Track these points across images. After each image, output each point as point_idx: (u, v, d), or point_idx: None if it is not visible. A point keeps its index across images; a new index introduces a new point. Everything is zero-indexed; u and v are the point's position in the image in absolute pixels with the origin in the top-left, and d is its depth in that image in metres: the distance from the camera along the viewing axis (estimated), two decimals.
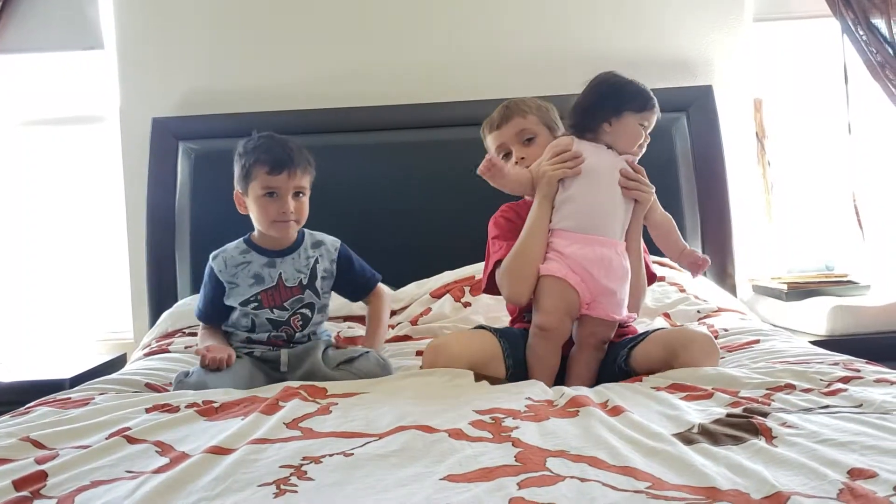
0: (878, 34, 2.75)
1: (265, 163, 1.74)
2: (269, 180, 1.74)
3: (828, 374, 1.41)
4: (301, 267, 1.82)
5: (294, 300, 1.80)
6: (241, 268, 1.80)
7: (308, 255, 1.84)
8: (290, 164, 1.74)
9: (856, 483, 0.88)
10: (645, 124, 1.69)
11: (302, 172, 1.77)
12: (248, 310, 1.79)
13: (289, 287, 1.80)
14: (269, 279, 1.79)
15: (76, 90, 3.01)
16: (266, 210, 1.76)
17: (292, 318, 1.80)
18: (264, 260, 1.81)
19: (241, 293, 1.79)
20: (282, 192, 1.75)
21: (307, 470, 1.01)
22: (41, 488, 1.00)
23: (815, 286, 2.59)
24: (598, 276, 1.59)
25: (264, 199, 1.76)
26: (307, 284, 1.82)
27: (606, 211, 1.63)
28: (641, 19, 2.91)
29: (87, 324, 2.99)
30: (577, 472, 0.96)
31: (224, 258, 1.83)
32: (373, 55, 2.92)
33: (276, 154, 1.75)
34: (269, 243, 1.82)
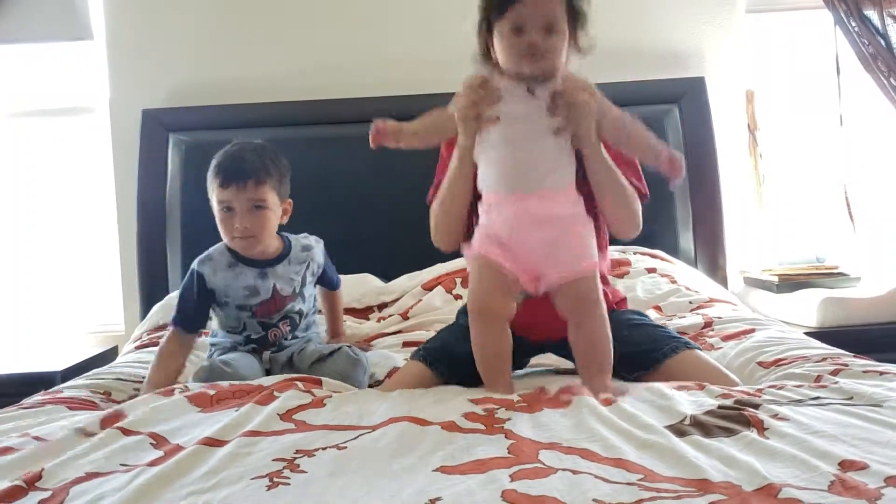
0: (870, 26, 2.75)
1: (216, 175, 1.68)
2: (220, 194, 1.67)
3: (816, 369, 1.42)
4: (293, 274, 1.78)
5: (288, 308, 1.78)
6: (232, 279, 1.73)
7: (300, 261, 1.80)
8: (242, 177, 1.65)
9: (847, 475, 0.89)
10: (521, 25, 1.34)
11: (256, 184, 1.66)
12: (243, 316, 1.75)
13: (283, 297, 1.76)
14: (265, 291, 1.74)
15: (65, 81, 2.98)
16: (224, 225, 1.70)
17: (282, 321, 1.78)
18: (255, 271, 1.74)
19: (237, 302, 1.73)
20: (236, 206, 1.67)
21: (300, 463, 1.01)
22: (37, 480, 1.00)
23: (806, 278, 2.60)
24: (526, 237, 1.36)
25: (222, 214, 1.69)
26: (299, 292, 1.79)
27: (531, 166, 1.38)
28: (633, 11, 2.91)
29: (78, 316, 2.98)
30: (570, 464, 0.97)
31: (213, 267, 1.74)
32: (364, 46, 2.90)
33: (227, 166, 1.67)
34: (253, 255, 1.75)
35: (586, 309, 1.38)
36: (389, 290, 2.49)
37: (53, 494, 0.96)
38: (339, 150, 2.73)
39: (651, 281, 2.37)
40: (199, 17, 2.91)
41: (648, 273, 2.42)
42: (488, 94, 1.38)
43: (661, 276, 2.40)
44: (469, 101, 1.39)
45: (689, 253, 2.78)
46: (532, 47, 1.34)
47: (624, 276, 2.40)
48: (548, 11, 1.34)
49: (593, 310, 1.38)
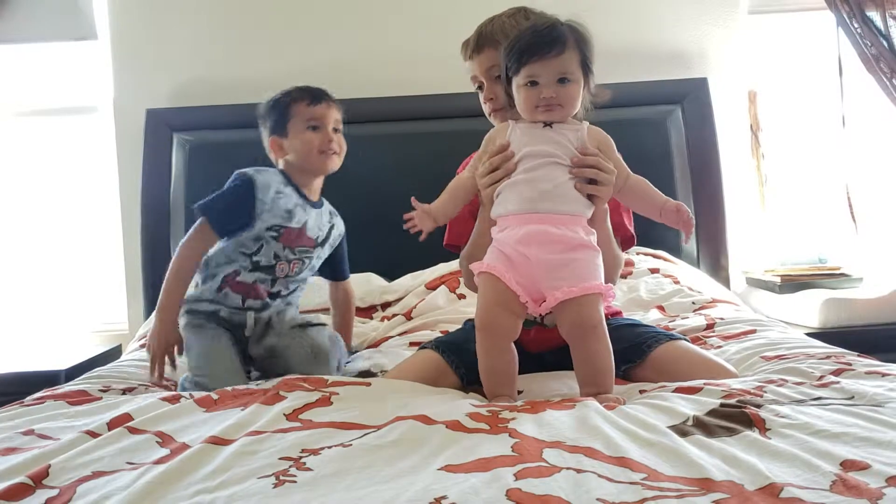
0: (872, 27, 2.75)
1: (304, 97, 1.78)
2: (311, 112, 1.77)
3: (819, 367, 1.43)
4: (322, 224, 1.85)
5: (303, 249, 1.80)
6: (276, 198, 1.75)
7: (328, 218, 1.88)
8: (328, 97, 1.80)
9: (848, 475, 0.89)
10: (536, 80, 1.42)
11: (337, 108, 1.82)
12: (266, 235, 1.75)
13: (308, 237, 1.80)
14: (297, 221, 1.78)
15: (69, 81, 2.99)
16: (311, 141, 1.77)
17: (293, 261, 1.79)
18: (300, 200, 1.79)
19: (271, 218, 1.74)
20: (324, 124, 1.78)
21: (306, 461, 1.02)
22: (44, 477, 1.01)
23: (808, 279, 2.60)
24: (530, 252, 1.38)
25: (308, 133, 1.77)
26: (320, 243, 1.84)
27: (543, 188, 1.41)
28: (636, 11, 2.91)
29: (82, 315, 2.99)
30: (574, 463, 0.97)
31: (267, 179, 1.77)
32: (371, 45, 2.91)
33: (313, 89, 1.81)
34: (302, 187, 1.82)
35: (586, 333, 1.37)
36: (393, 290, 2.50)
37: (60, 493, 0.96)
38: None
39: (654, 281, 2.38)
40: (203, 16, 2.92)
41: (651, 273, 2.43)
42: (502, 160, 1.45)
43: (664, 276, 2.41)
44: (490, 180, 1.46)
45: (692, 253, 2.78)
46: (546, 99, 1.42)
47: (627, 277, 2.40)
48: (560, 66, 1.41)
49: (592, 334, 1.37)
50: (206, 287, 1.78)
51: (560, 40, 1.41)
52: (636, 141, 2.53)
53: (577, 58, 1.43)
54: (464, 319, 1.93)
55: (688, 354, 1.54)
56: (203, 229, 1.76)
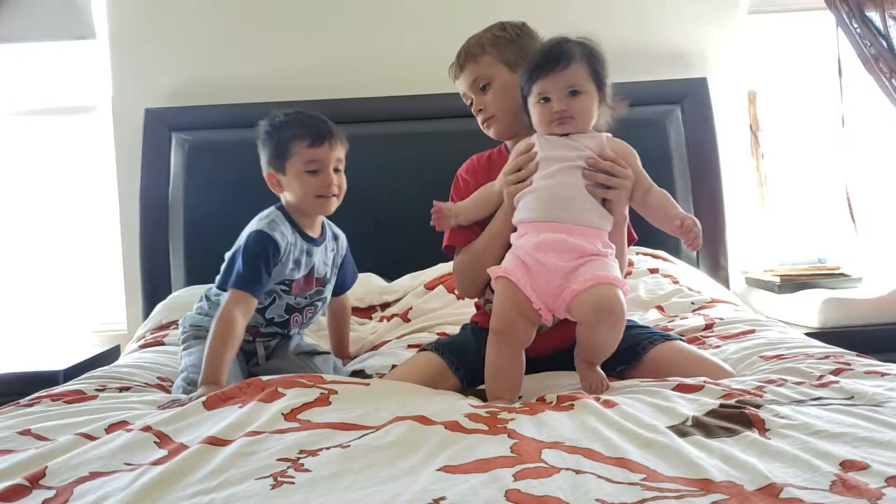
0: (872, 27, 2.75)
1: (305, 136, 1.68)
2: (311, 154, 1.68)
3: (818, 367, 1.42)
4: (328, 260, 1.81)
5: (315, 291, 1.79)
6: (290, 247, 1.71)
7: (332, 247, 1.84)
8: (331, 136, 1.69)
9: (848, 475, 0.89)
10: (547, 95, 1.46)
11: (341, 144, 1.72)
12: (278, 289, 1.73)
13: (316, 279, 1.78)
14: (305, 267, 1.74)
15: (68, 80, 2.98)
16: (309, 185, 1.69)
17: (307, 307, 1.79)
18: (305, 245, 1.75)
19: (281, 272, 1.71)
20: (324, 165, 1.69)
21: (304, 462, 1.02)
22: (40, 478, 1.01)
23: (808, 279, 2.60)
24: (548, 259, 1.39)
25: (308, 176, 1.69)
26: (329, 278, 1.82)
27: (562, 196, 1.44)
28: (636, 11, 2.91)
29: (81, 315, 2.98)
30: (573, 463, 0.97)
31: (283, 232, 1.70)
32: (369, 45, 2.91)
33: (316, 126, 1.70)
34: (305, 225, 1.76)
35: (603, 316, 1.36)
36: (392, 290, 2.49)
37: (58, 493, 0.96)
38: None
39: (653, 281, 2.37)
40: (202, 16, 2.91)
41: (651, 273, 2.42)
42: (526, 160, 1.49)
43: (663, 276, 2.41)
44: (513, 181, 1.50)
45: (691, 253, 2.77)
46: (557, 113, 1.45)
47: (627, 276, 2.39)
48: (568, 78, 1.45)
49: (615, 324, 1.37)
50: None
51: (566, 54, 1.45)
52: (636, 141, 2.50)
53: (585, 70, 1.46)
54: (462, 321, 1.93)
55: (683, 354, 1.54)
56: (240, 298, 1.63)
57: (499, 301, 1.43)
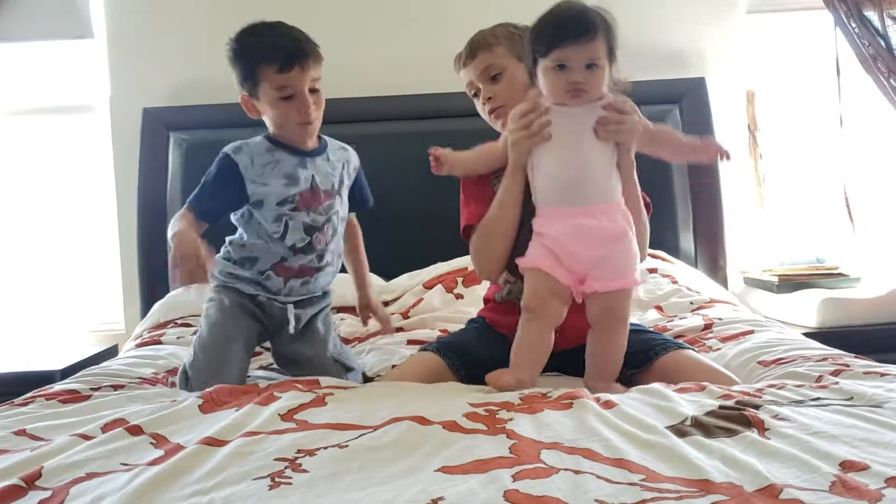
0: (870, 27, 2.75)
1: (273, 60, 1.55)
2: (282, 79, 1.55)
3: (816, 369, 1.42)
4: (332, 170, 1.69)
5: (328, 205, 1.67)
6: (270, 166, 1.61)
7: (338, 157, 1.71)
8: (302, 56, 1.55)
9: (848, 475, 0.89)
10: (565, 64, 1.43)
11: (315, 62, 1.58)
12: (285, 210, 1.61)
13: (324, 191, 1.66)
14: (304, 181, 1.63)
15: (66, 79, 2.98)
16: (286, 113, 1.58)
17: (325, 224, 1.67)
18: (295, 159, 1.63)
19: (276, 192, 1.61)
20: (299, 90, 1.56)
21: (302, 462, 1.01)
22: (36, 479, 1.00)
23: (806, 279, 2.60)
24: (578, 250, 1.43)
25: (283, 104, 1.57)
26: (337, 190, 1.69)
27: (581, 177, 1.46)
28: (634, 10, 2.90)
29: (79, 314, 2.98)
30: (572, 464, 0.96)
31: (249, 154, 1.61)
32: (369, 45, 2.91)
33: (284, 47, 1.56)
34: (294, 142, 1.65)
35: (613, 324, 1.47)
36: (390, 289, 2.49)
37: (53, 494, 0.96)
38: None
39: (652, 281, 2.37)
40: (200, 15, 2.90)
41: (649, 273, 2.42)
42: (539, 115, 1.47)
43: (661, 276, 2.40)
44: (521, 126, 1.49)
45: (690, 253, 2.78)
46: (575, 84, 1.44)
47: None
48: (591, 52, 1.44)
49: (619, 326, 1.47)
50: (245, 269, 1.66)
51: (592, 26, 1.44)
52: None
53: (604, 44, 1.46)
54: (461, 319, 1.93)
55: (694, 364, 1.53)
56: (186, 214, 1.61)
57: (532, 285, 1.47)
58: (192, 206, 1.63)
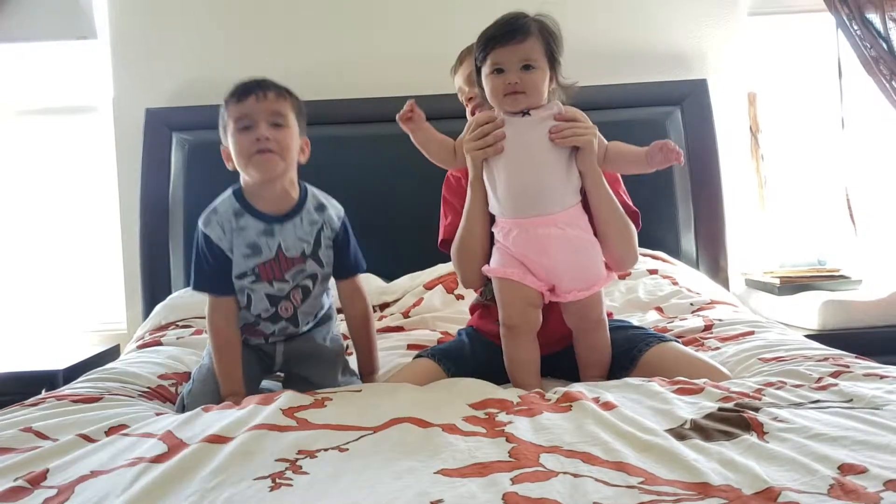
0: (872, 29, 2.75)
1: (233, 94, 1.54)
2: (238, 110, 1.51)
3: (817, 369, 1.42)
4: (303, 234, 1.58)
5: (296, 272, 1.58)
6: (236, 234, 1.55)
7: (312, 220, 1.59)
8: (257, 88, 1.52)
9: (846, 478, 0.89)
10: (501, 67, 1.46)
11: (276, 97, 1.53)
12: (245, 283, 1.56)
13: (289, 258, 1.56)
14: (268, 250, 1.55)
15: (69, 80, 2.99)
16: (240, 144, 1.51)
17: (293, 291, 1.59)
18: (261, 226, 1.55)
19: (236, 265, 1.56)
20: (255, 120, 1.50)
21: (302, 464, 1.02)
22: (42, 478, 1.01)
23: (808, 280, 2.60)
24: (542, 260, 1.47)
25: (238, 135, 1.51)
26: (310, 254, 1.58)
27: (538, 187, 1.47)
28: (636, 12, 2.91)
29: (81, 315, 2.98)
30: (571, 467, 0.97)
31: (219, 223, 1.56)
32: (369, 46, 2.91)
33: (244, 83, 1.55)
34: (264, 202, 1.56)
35: (591, 325, 1.54)
36: (391, 290, 2.49)
37: (59, 492, 0.97)
38: (342, 150, 2.74)
39: (653, 282, 2.37)
40: (203, 16, 2.91)
41: (650, 274, 2.42)
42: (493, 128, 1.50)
43: (662, 277, 2.40)
44: (475, 137, 1.52)
45: (691, 254, 2.78)
46: (511, 85, 1.46)
47: (626, 278, 2.40)
48: (523, 52, 1.46)
49: (597, 325, 1.55)
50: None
51: (523, 28, 1.46)
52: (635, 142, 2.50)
53: (540, 46, 1.47)
54: (461, 320, 1.93)
55: (678, 356, 1.55)
56: (210, 300, 1.59)
57: (506, 299, 1.51)
58: (204, 289, 1.60)
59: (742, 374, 1.52)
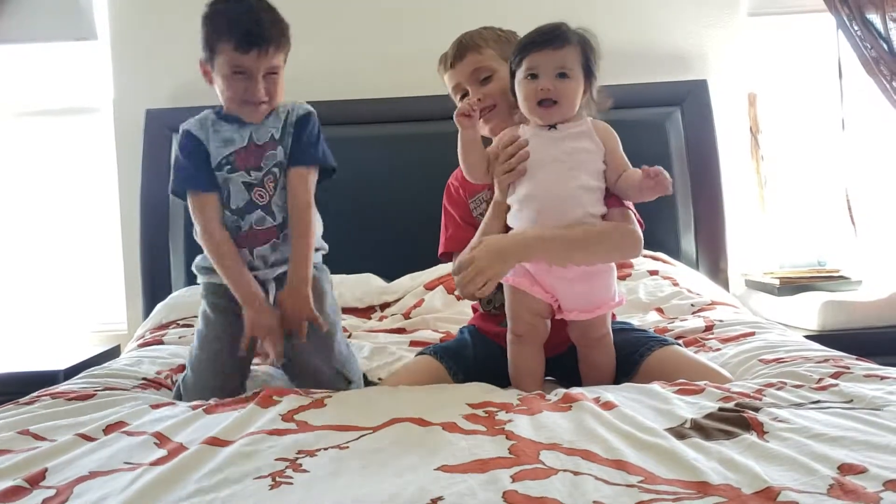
0: (872, 29, 2.75)
1: (231, 38, 1.54)
2: (236, 59, 1.54)
3: (817, 370, 1.42)
4: (271, 124, 1.63)
5: (267, 157, 1.61)
6: (212, 132, 1.62)
7: (279, 112, 1.64)
8: (262, 42, 1.53)
9: (846, 478, 0.89)
10: (535, 72, 1.44)
11: (275, 50, 1.55)
12: (223, 175, 1.60)
13: (259, 145, 1.61)
14: (240, 139, 1.60)
15: (69, 81, 2.99)
16: (234, 89, 1.57)
17: (266, 177, 1.60)
18: (234, 125, 1.62)
19: (213, 156, 1.61)
20: (252, 73, 1.55)
21: (302, 463, 1.02)
22: (41, 479, 1.01)
23: (808, 281, 2.60)
24: (545, 278, 1.46)
25: (232, 78, 1.56)
26: (279, 139, 1.62)
27: (558, 203, 1.45)
28: (636, 13, 2.92)
29: (81, 315, 2.98)
30: (571, 465, 0.97)
31: (199, 122, 1.64)
32: (369, 46, 2.91)
33: (245, 28, 1.54)
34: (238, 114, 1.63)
35: (595, 341, 1.53)
36: (391, 290, 2.50)
37: (57, 493, 0.96)
38: (343, 152, 2.72)
39: (653, 283, 2.37)
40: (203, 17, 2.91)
41: (650, 275, 2.43)
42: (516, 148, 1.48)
43: (662, 278, 2.41)
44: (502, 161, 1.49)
45: (691, 255, 2.78)
46: (543, 91, 1.43)
47: (626, 279, 2.40)
48: (560, 58, 1.44)
49: (601, 341, 1.54)
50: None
51: (562, 36, 1.45)
52: (635, 143, 2.50)
53: (577, 56, 1.45)
54: (462, 321, 1.94)
55: (681, 360, 1.54)
56: (192, 203, 1.61)
57: (514, 307, 1.50)
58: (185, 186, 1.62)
59: (743, 377, 1.52)
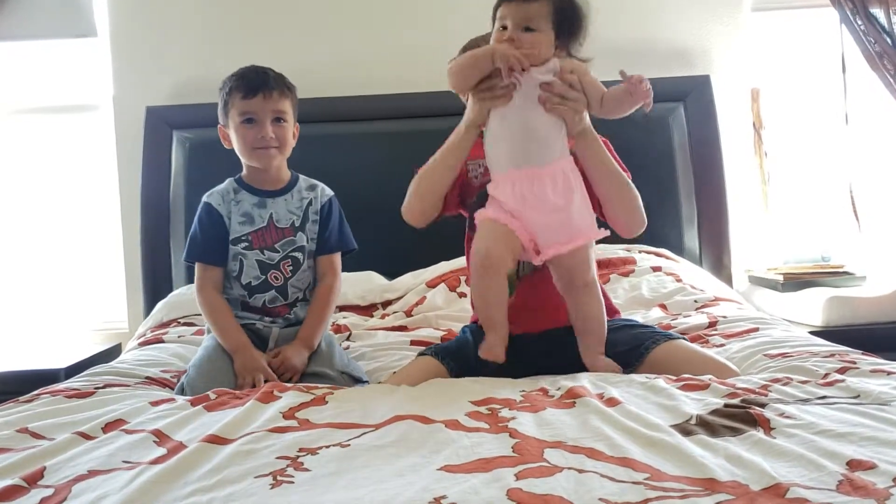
0: (876, 24, 2.73)
1: (239, 88, 1.71)
2: (244, 105, 1.71)
3: (823, 365, 1.41)
4: (293, 208, 1.79)
5: (285, 242, 1.76)
6: (234, 205, 1.76)
7: (302, 197, 1.80)
8: (266, 87, 1.71)
9: (855, 474, 0.88)
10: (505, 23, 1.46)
11: (279, 96, 1.73)
12: (238, 249, 1.74)
13: (280, 228, 1.76)
14: (260, 219, 1.75)
15: (69, 78, 2.98)
16: (245, 137, 1.72)
17: (283, 261, 1.75)
18: (255, 199, 1.77)
19: (232, 230, 1.75)
20: (259, 117, 1.71)
21: (304, 461, 1.01)
22: (39, 478, 1.00)
23: (812, 277, 2.59)
24: (532, 207, 1.46)
25: (243, 127, 1.72)
26: (299, 226, 1.78)
27: (525, 138, 1.48)
28: (640, 9, 2.90)
29: (82, 314, 2.97)
30: (575, 463, 0.96)
31: (220, 194, 1.78)
32: (370, 43, 2.90)
33: (251, 78, 1.73)
34: (259, 182, 1.79)
35: (580, 282, 1.50)
36: (393, 288, 2.49)
37: (56, 492, 0.95)
38: (344, 148, 2.73)
39: (656, 279, 2.36)
40: (204, 14, 2.90)
41: (653, 272, 2.41)
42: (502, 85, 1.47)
43: (666, 274, 2.39)
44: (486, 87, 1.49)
45: (695, 251, 2.77)
46: (509, 41, 1.45)
47: (629, 275, 2.39)
48: (526, 12, 1.45)
49: (587, 285, 1.51)
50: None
51: None
52: (638, 138, 2.51)
53: (548, 11, 1.46)
54: (464, 318, 1.92)
55: (687, 353, 1.54)
56: (197, 272, 1.76)
57: (489, 236, 1.47)
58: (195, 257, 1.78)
59: (749, 371, 1.51)
